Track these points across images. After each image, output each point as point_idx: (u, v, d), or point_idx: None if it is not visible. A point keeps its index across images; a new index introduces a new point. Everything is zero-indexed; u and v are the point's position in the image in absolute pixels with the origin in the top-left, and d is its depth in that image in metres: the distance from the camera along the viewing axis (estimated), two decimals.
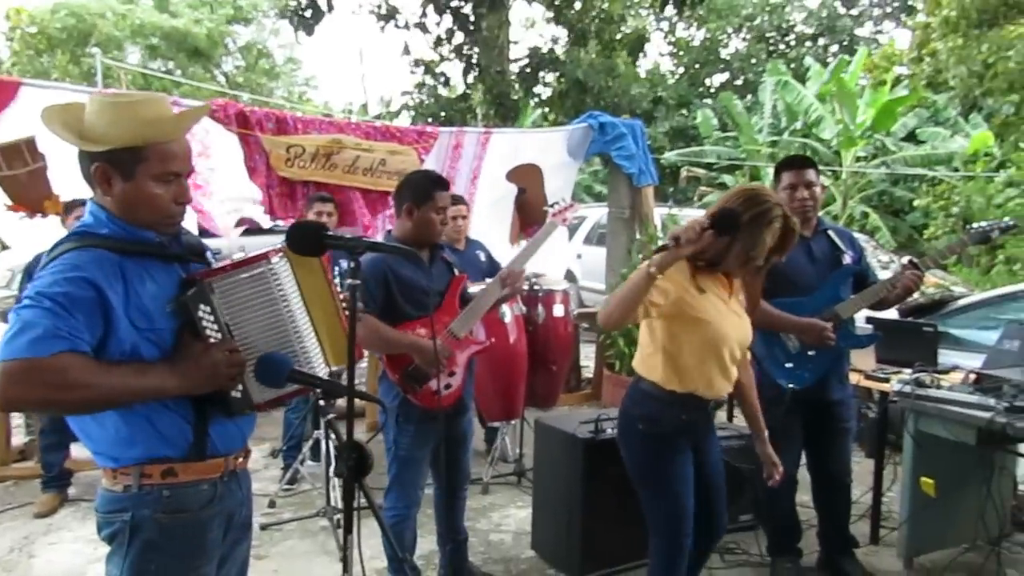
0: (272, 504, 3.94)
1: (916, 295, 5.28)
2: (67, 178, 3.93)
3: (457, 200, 4.28)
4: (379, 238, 4.81)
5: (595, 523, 3.12)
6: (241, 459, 1.67)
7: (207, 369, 1.47)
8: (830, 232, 3.15)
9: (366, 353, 4.94)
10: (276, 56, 25.04)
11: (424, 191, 2.68)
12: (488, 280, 3.24)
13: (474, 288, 3.00)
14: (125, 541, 1.50)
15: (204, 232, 4.53)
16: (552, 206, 3.39)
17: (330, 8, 8.86)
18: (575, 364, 6.32)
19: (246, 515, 1.73)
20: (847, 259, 3.08)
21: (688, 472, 2.37)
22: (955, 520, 3.26)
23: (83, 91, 4.46)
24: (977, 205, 9.64)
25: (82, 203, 3.86)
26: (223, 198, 4.80)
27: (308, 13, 8.74)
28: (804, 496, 3.30)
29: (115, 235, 1.49)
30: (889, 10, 21.82)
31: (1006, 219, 3.24)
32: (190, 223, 4.36)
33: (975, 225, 3.09)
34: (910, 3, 19.11)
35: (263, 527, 3.62)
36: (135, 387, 1.42)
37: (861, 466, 4.06)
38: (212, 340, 1.50)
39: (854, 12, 22.30)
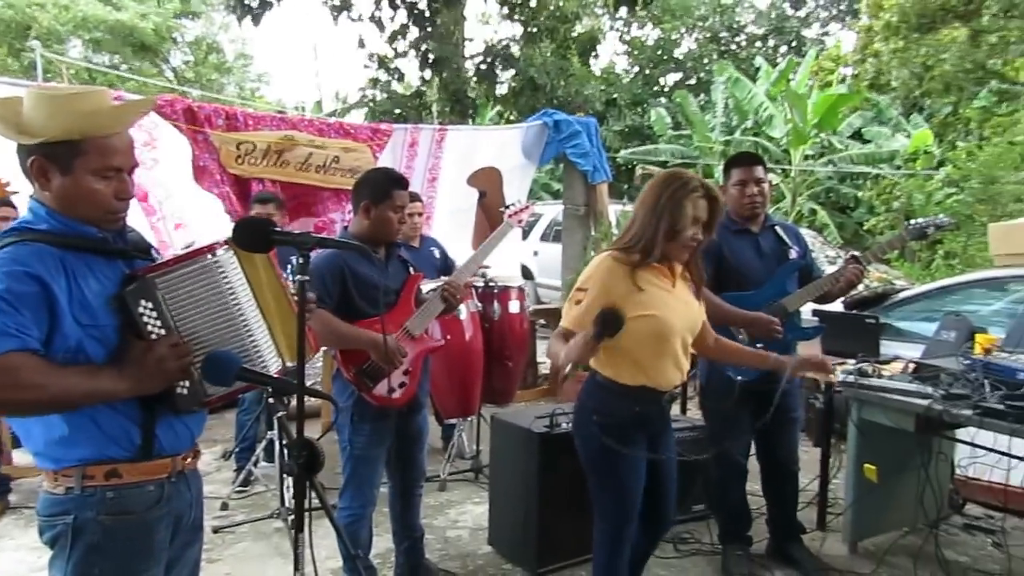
0: (225, 507, 3.87)
1: (860, 288, 5.46)
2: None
3: (413, 197, 4.27)
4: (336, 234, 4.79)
5: (551, 517, 3.15)
6: (190, 459, 1.64)
7: (152, 367, 1.44)
8: (777, 228, 3.24)
9: (321, 350, 4.91)
10: (227, 51, 24.51)
11: (383, 189, 2.68)
12: (444, 278, 3.25)
13: (430, 285, 3.00)
14: (67, 544, 1.46)
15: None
16: (508, 207, 3.41)
17: None
18: (531, 360, 6.36)
19: (196, 517, 1.70)
20: (793, 254, 3.17)
21: (639, 464, 2.40)
22: (896, 504, 3.38)
23: (21, 85, 4.31)
24: (918, 202, 9.98)
25: (6, 203, 3.74)
26: (168, 197, 4.69)
27: (255, 2, 8.52)
28: (754, 485, 3.39)
29: (55, 230, 1.45)
30: (835, 12, 22.41)
31: (942, 216, 3.37)
32: (140, 223, 4.26)
33: (913, 222, 3.21)
34: (855, 6, 19.67)
35: (215, 530, 3.56)
36: (87, 390, 1.40)
37: (809, 455, 4.18)
38: (155, 337, 1.47)
39: (801, 14, 22.85)
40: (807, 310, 3.31)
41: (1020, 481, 3.42)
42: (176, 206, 4.73)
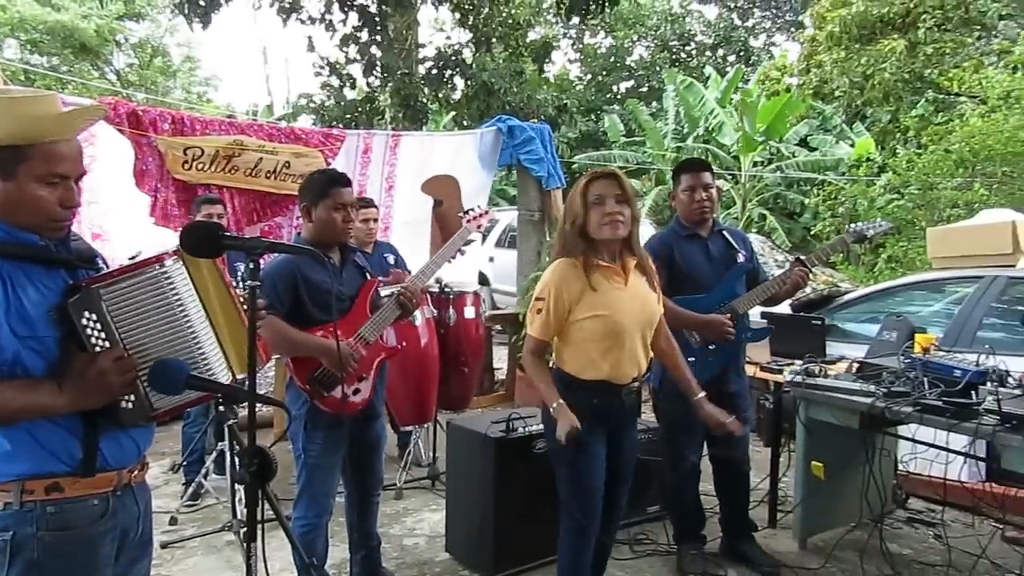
0: (173, 521, 3.77)
1: (807, 291, 5.62)
2: None
3: (368, 203, 4.25)
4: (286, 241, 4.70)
5: (508, 522, 3.15)
6: (137, 472, 1.59)
7: (94, 381, 1.40)
8: (725, 232, 3.31)
9: (273, 358, 4.82)
10: (173, 55, 23.94)
11: (320, 189, 2.64)
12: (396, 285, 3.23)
13: (386, 291, 2.98)
14: (5, 563, 1.40)
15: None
16: (466, 212, 3.41)
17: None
18: (488, 366, 6.37)
19: (145, 531, 1.65)
20: (740, 257, 3.24)
21: (597, 456, 2.48)
22: (843, 501, 3.48)
23: None
24: (861, 207, 10.32)
25: None
26: (100, 202, 4.54)
27: (202, 2, 8.32)
28: (707, 485, 3.45)
29: None
30: (780, 23, 23.07)
31: (881, 220, 3.50)
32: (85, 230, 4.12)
33: (854, 226, 3.32)
34: (800, 18, 20.28)
35: (164, 545, 3.45)
36: (23, 404, 1.35)
37: (761, 454, 4.27)
38: (97, 349, 1.42)
39: (749, 24, 23.46)
40: (755, 313, 3.39)
41: (958, 475, 3.57)
42: (97, 213, 4.56)
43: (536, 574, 3.19)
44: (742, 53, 22.59)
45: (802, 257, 3.28)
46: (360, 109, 9.40)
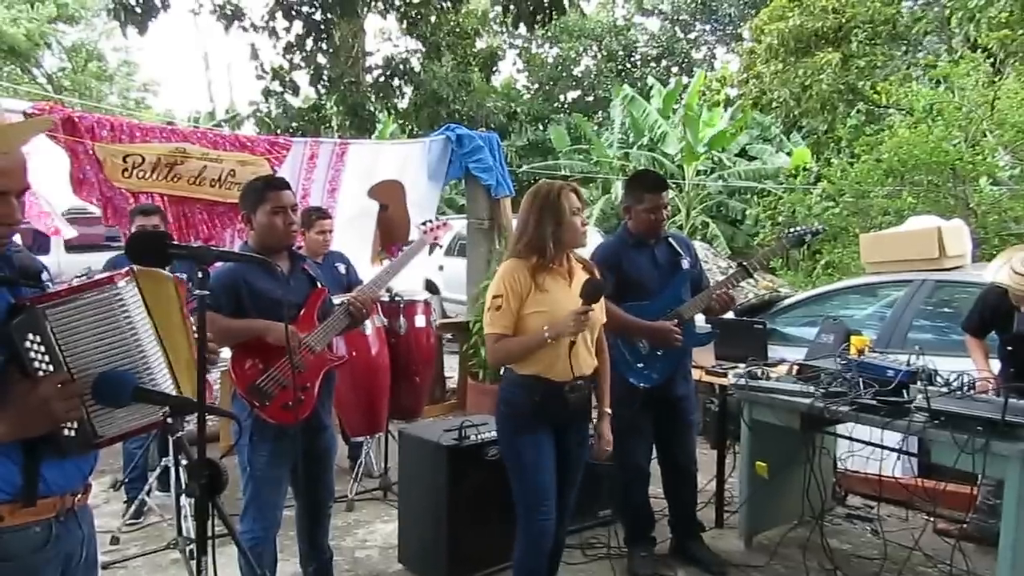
0: (115, 540, 3.63)
1: (749, 296, 5.79)
2: None
3: (323, 214, 4.22)
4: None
5: (461, 529, 3.15)
6: (80, 496, 1.53)
7: (37, 407, 1.33)
8: (670, 239, 3.39)
9: (215, 386, 4.70)
10: (109, 59, 23.19)
11: (257, 195, 2.63)
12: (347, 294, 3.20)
13: (336, 300, 2.95)
14: None
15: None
16: (425, 223, 3.40)
17: (165, 5, 8.24)
18: (439, 375, 6.34)
19: (89, 554, 1.58)
20: (685, 263, 3.33)
21: (543, 452, 2.58)
22: (786, 499, 3.59)
23: None
24: (801, 215, 10.66)
25: None
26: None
27: (138, 9, 8.08)
28: (656, 488, 3.51)
29: None
30: (720, 36, 23.72)
31: (816, 224, 3.64)
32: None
33: (790, 230, 3.45)
34: (739, 31, 20.89)
35: (105, 566, 3.33)
36: None
37: (707, 456, 4.37)
38: (40, 373, 1.35)
39: (692, 36, 24.06)
40: (701, 317, 3.49)
41: (892, 471, 3.72)
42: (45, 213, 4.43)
43: None
44: (684, 64, 23.14)
45: (744, 262, 3.39)
46: (307, 118, 9.27)
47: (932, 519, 3.68)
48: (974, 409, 2.70)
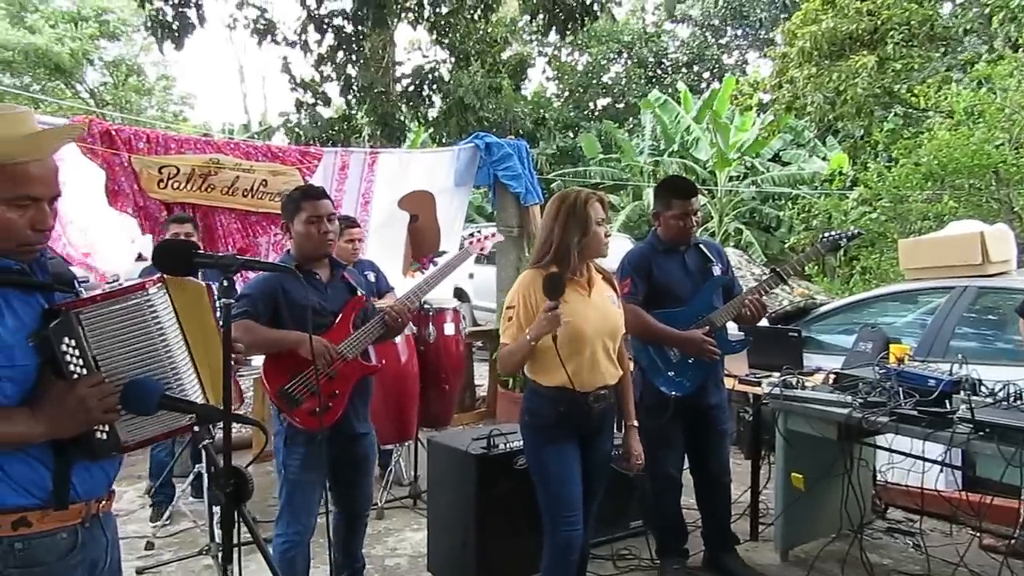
0: (150, 546, 3.69)
1: (784, 303, 5.68)
2: None
3: (352, 223, 4.26)
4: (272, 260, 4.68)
5: (490, 538, 3.12)
6: (105, 502, 1.54)
7: (73, 408, 1.35)
8: (701, 245, 3.33)
9: (248, 393, 4.76)
10: (148, 73, 23.78)
11: (294, 204, 2.69)
12: (377, 301, 3.21)
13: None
14: None
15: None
16: (473, 234, 3.40)
17: (201, 21, 8.42)
18: (469, 382, 6.34)
19: (113, 560, 1.59)
20: (716, 270, 3.27)
21: (568, 462, 2.56)
22: (823, 512, 3.50)
23: None
24: (836, 220, 10.48)
25: None
26: (76, 221, 4.49)
27: (175, 25, 8.26)
28: (689, 499, 3.45)
29: None
30: (752, 41, 23.47)
31: (852, 228, 3.55)
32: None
33: (826, 235, 3.36)
34: (771, 35, 20.67)
35: (140, 571, 3.39)
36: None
37: (742, 467, 4.28)
38: (76, 376, 1.37)
39: (723, 41, 23.85)
40: (734, 324, 3.42)
41: (935, 484, 3.60)
42: (77, 232, 4.53)
43: None
44: (716, 70, 22.95)
45: (778, 268, 3.31)
46: (337, 128, 9.37)
47: (978, 534, 3.55)
48: (1022, 420, 2.59)
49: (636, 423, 2.76)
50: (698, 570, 3.39)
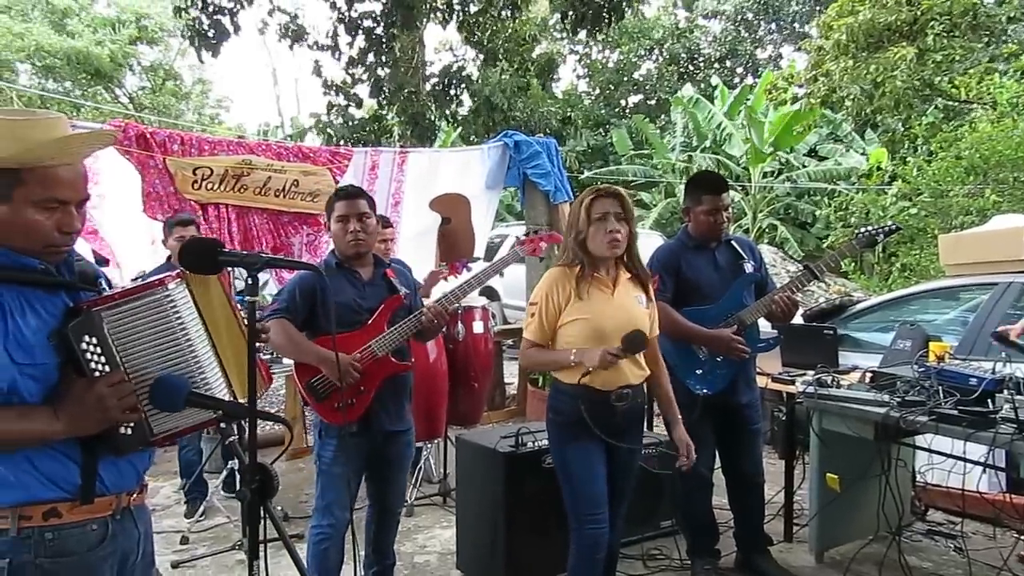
0: (185, 540, 3.75)
1: (819, 301, 5.57)
2: None
3: (385, 223, 4.27)
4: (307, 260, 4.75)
5: (519, 537, 3.11)
6: (136, 495, 1.56)
7: (93, 406, 1.37)
8: (732, 242, 3.28)
9: (280, 380, 4.82)
10: (185, 77, 24.26)
11: (329, 205, 2.77)
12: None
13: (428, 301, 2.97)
14: None
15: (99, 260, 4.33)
16: (527, 234, 3.36)
17: (236, 29, 8.58)
18: (498, 381, 6.33)
19: (146, 554, 1.62)
20: (748, 267, 3.21)
21: (592, 460, 2.54)
22: (860, 513, 3.42)
23: None
24: (874, 216, 10.25)
25: None
26: (115, 229, 4.58)
27: (211, 33, 8.44)
28: (721, 499, 3.40)
29: None
30: (786, 34, 23.08)
31: (889, 223, 3.45)
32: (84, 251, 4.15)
33: (862, 230, 3.28)
34: (806, 28, 20.31)
35: (175, 565, 3.45)
36: (16, 433, 1.33)
37: (775, 467, 4.21)
38: (97, 373, 1.40)
39: (756, 36, 23.50)
40: (765, 322, 3.36)
41: (977, 486, 3.49)
42: (102, 242, 4.61)
43: None
44: (749, 64, 22.63)
45: (811, 265, 3.24)
46: (367, 128, 9.45)
47: (1022, 537, 3.44)
48: None
49: (680, 417, 2.71)
50: (730, 571, 3.34)
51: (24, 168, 1.36)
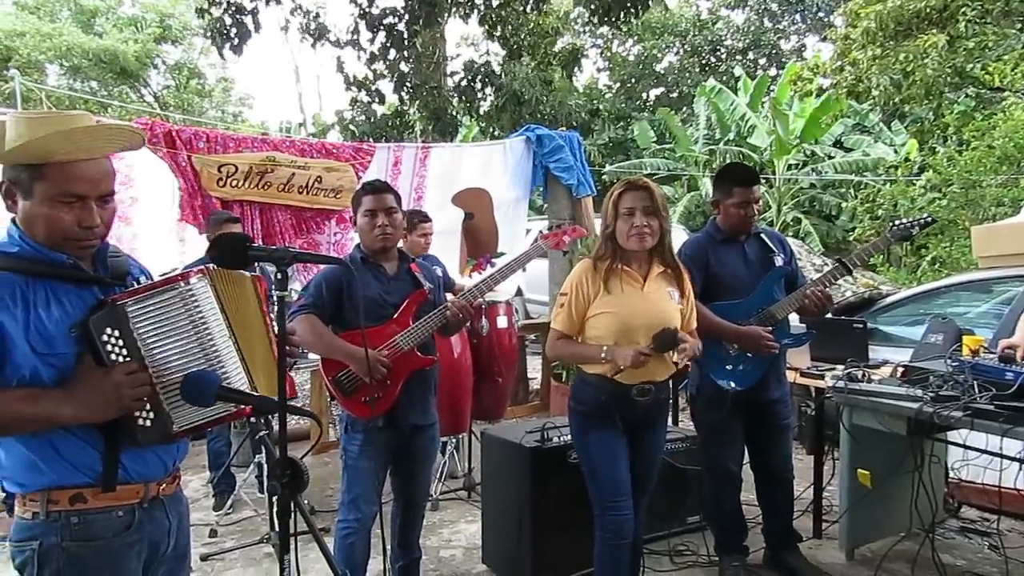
0: (213, 533, 3.80)
1: (847, 294, 5.48)
2: None
3: (425, 218, 4.34)
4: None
5: (544, 532, 3.11)
6: (166, 485, 1.58)
7: (107, 392, 1.39)
8: (762, 235, 3.23)
9: (306, 386, 4.85)
10: (208, 75, 24.49)
11: (356, 199, 2.78)
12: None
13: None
14: (33, 571, 1.42)
15: None
16: (551, 227, 3.35)
17: (257, 28, 8.63)
18: (522, 376, 6.33)
19: (179, 545, 1.64)
20: (778, 260, 3.16)
21: (613, 449, 2.55)
22: (891, 510, 3.36)
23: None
24: (903, 207, 10.07)
25: None
26: (147, 231, 4.64)
27: (232, 32, 8.50)
28: (748, 495, 3.36)
29: (25, 254, 1.42)
30: (811, 24, 22.73)
31: (925, 215, 3.37)
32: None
33: (897, 222, 3.21)
34: (831, 17, 19.97)
35: (204, 557, 3.49)
36: (25, 414, 1.35)
37: (803, 462, 4.16)
38: (117, 362, 1.42)
39: (780, 26, 23.17)
40: (796, 316, 3.31)
41: (1014, 482, 3.41)
42: (129, 236, 4.66)
43: None
44: (773, 55, 22.32)
45: (843, 259, 3.18)
46: (390, 124, 9.46)
47: None
48: None
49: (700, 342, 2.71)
50: (758, 567, 3.30)
51: (45, 164, 1.39)
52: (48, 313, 1.40)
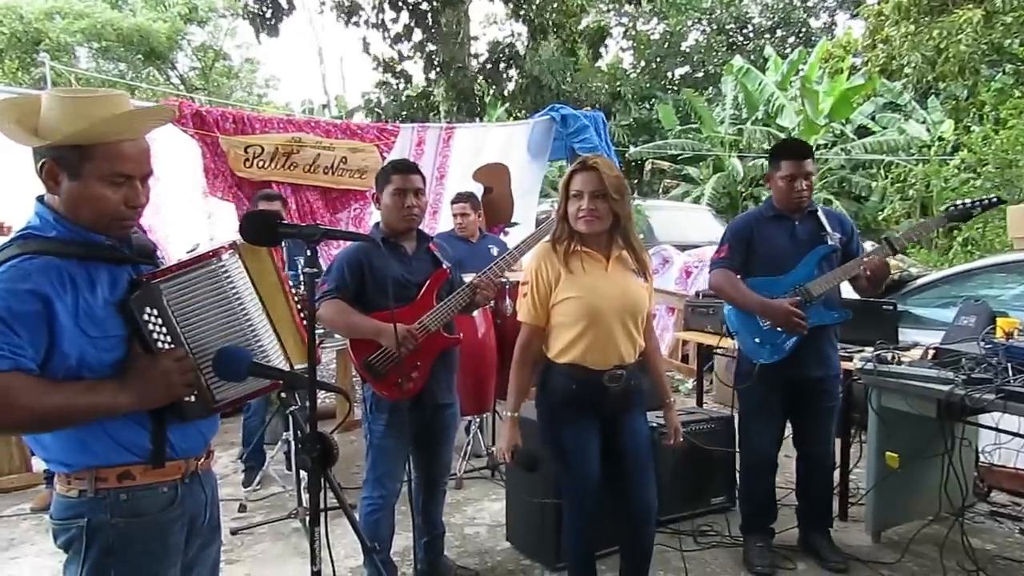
0: (242, 508, 3.87)
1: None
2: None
3: (463, 198, 4.38)
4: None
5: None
6: (203, 460, 1.62)
7: (158, 380, 1.42)
8: (819, 213, 3.15)
9: (334, 349, 4.90)
10: (233, 57, 24.63)
11: (384, 176, 2.75)
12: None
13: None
14: (81, 548, 1.45)
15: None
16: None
17: (291, 7, 8.68)
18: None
19: (213, 518, 1.68)
20: (831, 240, 3.06)
21: (583, 440, 2.45)
22: (919, 493, 3.33)
23: (31, 94, 4.34)
24: (936, 188, 9.87)
25: None
26: (171, 216, 4.68)
27: (268, 13, 8.56)
28: (780, 474, 3.33)
29: (63, 237, 1.42)
30: (840, 0, 22.20)
31: (992, 196, 3.24)
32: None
33: (957, 203, 3.10)
34: None
35: (234, 532, 3.56)
36: (84, 406, 1.37)
37: None
38: (160, 346, 1.44)
39: (810, 3, 22.67)
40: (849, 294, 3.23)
41: None
42: (158, 222, 4.70)
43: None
44: (802, 34, 21.86)
45: (891, 237, 3.09)
46: (416, 105, 9.47)
47: None
48: None
49: (671, 400, 2.66)
50: (784, 549, 3.29)
51: (92, 145, 1.39)
52: (94, 296, 1.41)
